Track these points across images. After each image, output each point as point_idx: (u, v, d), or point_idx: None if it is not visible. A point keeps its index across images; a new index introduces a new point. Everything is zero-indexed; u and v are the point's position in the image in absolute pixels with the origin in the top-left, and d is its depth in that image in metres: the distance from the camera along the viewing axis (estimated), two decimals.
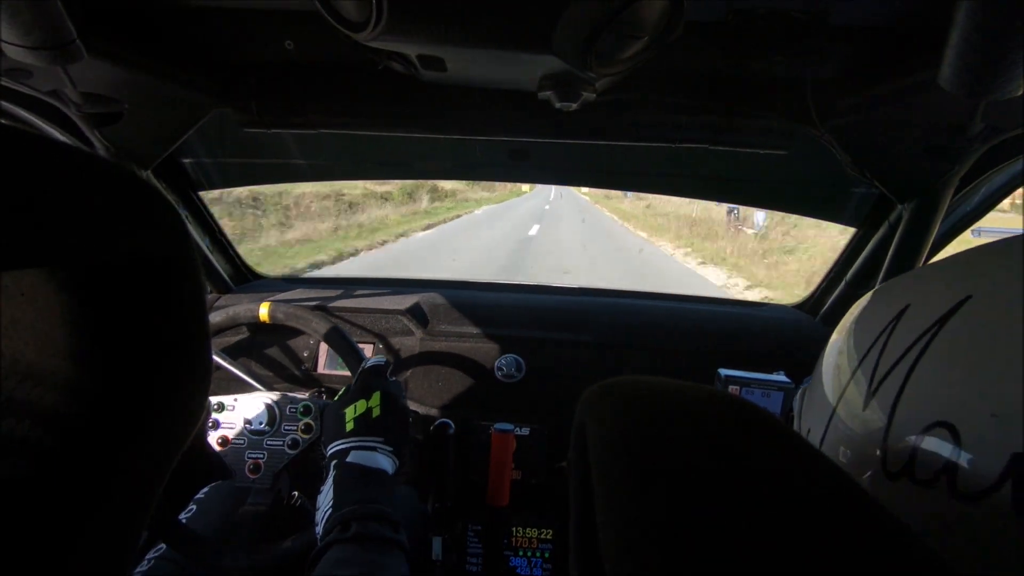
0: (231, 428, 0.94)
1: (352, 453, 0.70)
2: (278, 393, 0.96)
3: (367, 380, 0.78)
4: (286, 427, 0.93)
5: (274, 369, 1.19)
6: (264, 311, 0.95)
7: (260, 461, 0.93)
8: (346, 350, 0.92)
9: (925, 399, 0.26)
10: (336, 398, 0.80)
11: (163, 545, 0.87)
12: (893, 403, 0.28)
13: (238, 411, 0.94)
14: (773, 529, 0.17)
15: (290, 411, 0.94)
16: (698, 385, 0.25)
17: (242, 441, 0.94)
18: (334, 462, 0.71)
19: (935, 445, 0.25)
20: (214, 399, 0.95)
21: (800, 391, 0.43)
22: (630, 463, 0.21)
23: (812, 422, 0.37)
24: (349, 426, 0.73)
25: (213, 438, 0.94)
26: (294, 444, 0.92)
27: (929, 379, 0.26)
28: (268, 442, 0.93)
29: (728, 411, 0.23)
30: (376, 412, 0.74)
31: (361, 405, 0.74)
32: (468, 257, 9.20)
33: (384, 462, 0.71)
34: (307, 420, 0.93)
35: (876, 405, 0.29)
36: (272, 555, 0.82)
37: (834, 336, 0.38)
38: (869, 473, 0.29)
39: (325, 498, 0.67)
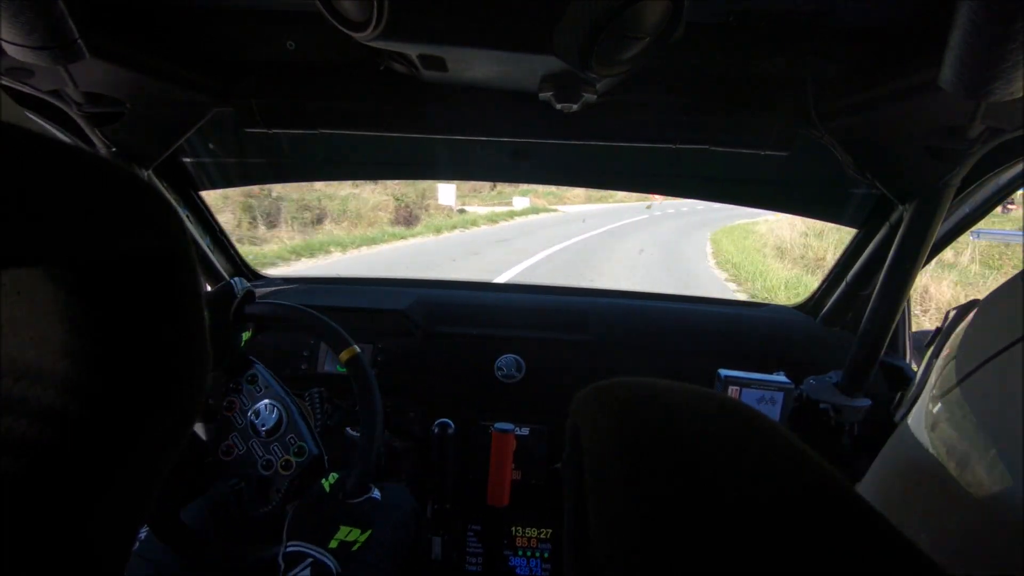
0: (245, 404, 0.92)
1: (313, 568, 0.71)
2: (297, 410, 0.94)
3: (369, 513, 0.79)
4: (275, 448, 0.91)
5: (274, 368, 1.18)
6: (345, 356, 0.89)
7: (237, 453, 0.91)
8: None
9: None
10: (332, 484, 0.80)
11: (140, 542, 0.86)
12: None
13: (261, 396, 0.92)
14: (764, 530, 0.17)
15: (289, 439, 0.91)
16: (689, 386, 0.24)
17: (241, 422, 0.92)
18: (301, 566, 0.71)
19: None
20: (259, 370, 0.94)
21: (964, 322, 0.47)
22: (622, 466, 0.21)
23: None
24: (332, 544, 0.74)
25: (227, 400, 0.92)
26: (267, 466, 0.90)
27: None
28: (254, 445, 0.91)
29: (719, 413, 0.23)
30: (357, 547, 0.75)
31: (353, 534, 0.75)
32: None
33: None
34: (292, 459, 0.90)
35: None
36: (253, 559, 0.81)
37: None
38: None
39: None
